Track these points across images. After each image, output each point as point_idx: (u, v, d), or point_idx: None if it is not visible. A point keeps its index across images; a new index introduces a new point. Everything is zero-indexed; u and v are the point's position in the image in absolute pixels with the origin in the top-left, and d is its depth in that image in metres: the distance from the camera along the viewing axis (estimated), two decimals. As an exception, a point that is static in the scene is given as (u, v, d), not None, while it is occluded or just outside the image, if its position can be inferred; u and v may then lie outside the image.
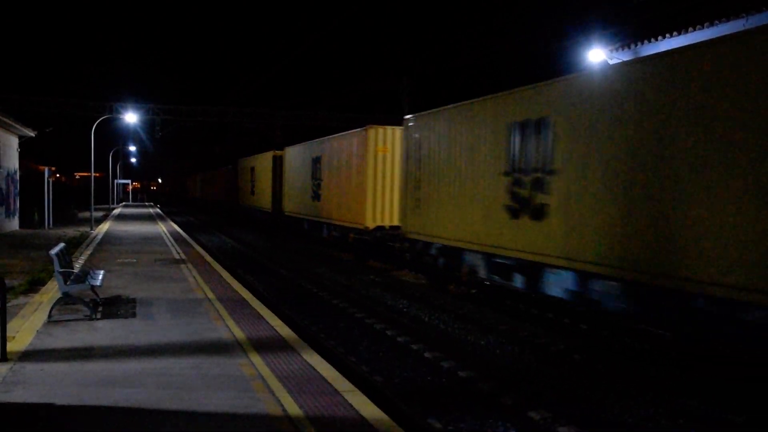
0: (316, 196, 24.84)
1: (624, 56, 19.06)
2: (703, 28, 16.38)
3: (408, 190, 16.31)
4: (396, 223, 18.03)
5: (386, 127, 19.89)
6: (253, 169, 38.45)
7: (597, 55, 19.63)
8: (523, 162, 11.65)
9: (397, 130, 18.83)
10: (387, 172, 19.41)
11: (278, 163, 32.26)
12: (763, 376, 8.27)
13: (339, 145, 22.62)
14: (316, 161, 25.17)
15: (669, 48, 17.47)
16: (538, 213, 11.15)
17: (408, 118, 16.64)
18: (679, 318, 8.68)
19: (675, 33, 17.21)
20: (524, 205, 11.57)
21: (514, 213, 11.83)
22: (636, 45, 18.56)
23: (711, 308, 8.09)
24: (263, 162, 35.22)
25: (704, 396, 7.66)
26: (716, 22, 15.99)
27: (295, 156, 28.99)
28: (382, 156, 19.55)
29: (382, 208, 19.33)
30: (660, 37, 17.68)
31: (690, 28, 16.75)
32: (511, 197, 11.97)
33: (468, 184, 13.49)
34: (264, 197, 34.75)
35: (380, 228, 19.21)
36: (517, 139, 11.82)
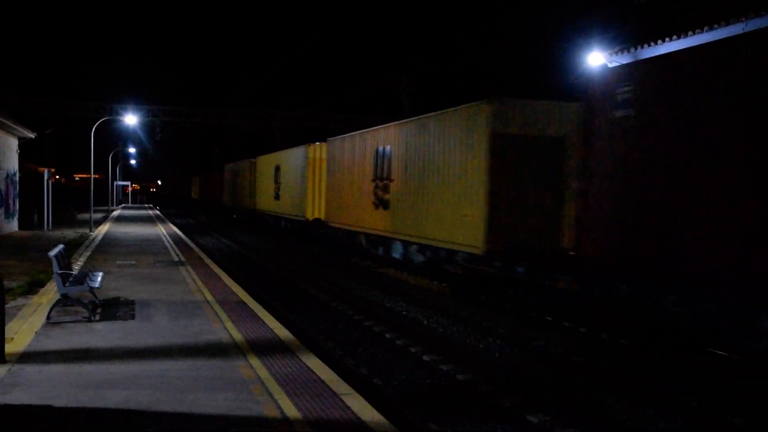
0: (277, 197, 32.05)
1: (623, 59, 19.08)
2: (702, 31, 16.39)
3: (330, 192, 24.23)
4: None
5: (322, 143, 26.24)
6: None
7: (596, 58, 19.65)
8: (379, 173, 19.17)
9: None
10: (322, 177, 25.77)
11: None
12: (762, 377, 8.28)
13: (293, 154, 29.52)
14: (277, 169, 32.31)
15: (668, 51, 17.51)
16: (386, 205, 18.63)
17: (329, 140, 24.62)
18: (434, 258, 16.27)
19: (675, 36, 17.22)
20: (380, 201, 18.98)
21: (376, 206, 19.28)
22: (635, 48, 18.58)
23: (439, 252, 15.79)
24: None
25: (703, 398, 7.66)
26: (715, 25, 16.00)
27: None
28: (319, 166, 26.11)
29: (319, 204, 25.89)
30: (659, 41, 17.69)
31: (690, 32, 16.76)
32: (375, 196, 19.43)
33: (355, 188, 21.23)
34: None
35: (317, 219, 25.88)
36: (377, 159, 19.30)
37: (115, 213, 48.73)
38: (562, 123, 13.64)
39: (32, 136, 28.98)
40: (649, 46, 18.12)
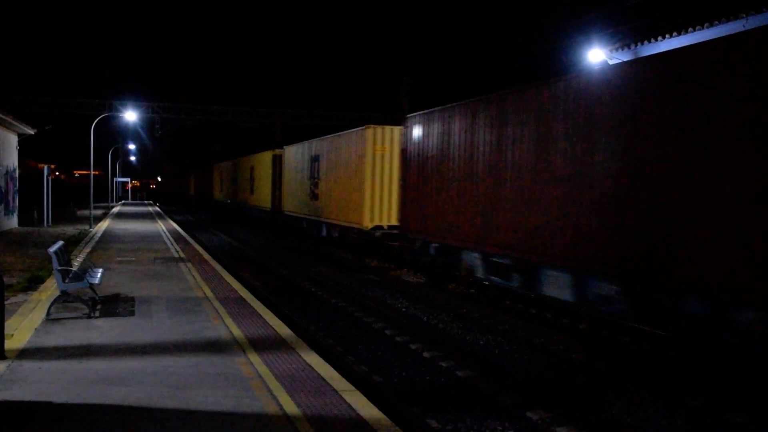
0: (252, 191, 38.58)
1: (624, 56, 19.05)
2: (702, 28, 16.37)
3: (284, 187, 30.92)
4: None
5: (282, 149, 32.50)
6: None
7: (597, 54, 19.63)
8: (313, 174, 25.69)
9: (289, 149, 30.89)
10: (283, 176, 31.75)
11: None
12: (762, 375, 8.27)
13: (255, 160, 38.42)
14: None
15: (669, 48, 17.49)
16: (316, 198, 25.12)
17: (285, 147, 31.39)
18: (342, 233, 22.34)
19: (675, 33, 17.20)
20: (313, 195, 25.54)
21: (311, 198, 25.81)
22: (636, 45, 18.55)
23: (334, 230, 23.24)
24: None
25: (703, 396, 7.66)
26: (716, 22, 15.98)
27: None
28: (280, 167, 32.12)
29: (279, 197, 31.96)
30: (660, 38, 17.67)
31: (690, 29, 16.74)
32: (310, 191, 25.99)
33: (299, 184, 27.91)
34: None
35: (277, 209, 32.09)
36: (313, 164, 25.84)
37: (115, 209, 48.73)
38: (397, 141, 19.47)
39: (32, 132, 28.96)
40: (650, 42, 18.10)
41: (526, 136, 11.51)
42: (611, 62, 19.56)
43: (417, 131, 16.03)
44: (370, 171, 19.84)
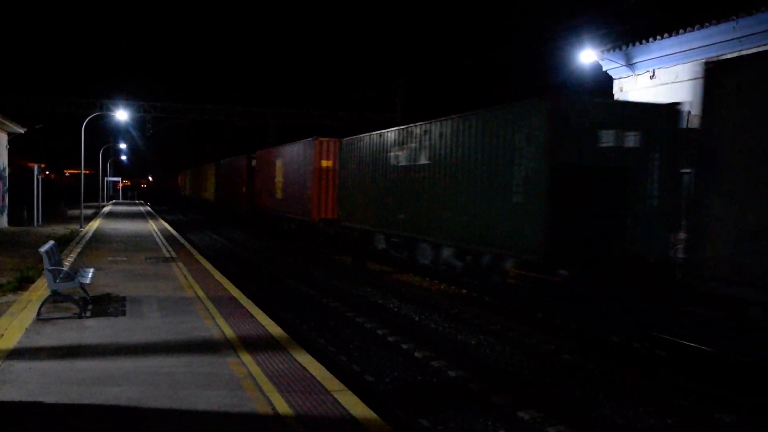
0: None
1: (615, 57, 19.14)
2: (694, 30, 16.48)
3: (258, 186, 34.47)
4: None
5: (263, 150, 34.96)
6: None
7: (589, 55, 19.71)
8: (276, 175, 30.50)
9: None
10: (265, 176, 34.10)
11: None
12: (752, 376, 8.34)
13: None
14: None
15: (661, 50, 17.59)
16: (278, 195, 30.10)
17: (258, 152, 35.50)
18: (299, 225, 27.68)
19: (666, 35, 17.31)
20: (276, 193, 30.43)
21: (278, 194, 30.13)
22: (627, 46, 18.65)
23: (300, 222, 27.24)
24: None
25: (694, 395, 7.71)
26: (707, 24, 16.09)
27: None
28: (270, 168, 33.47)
29: (259, 196, 34.52)
30: (651, 39, 17.77)
31: (681, 30, 16.84)
32: (278, 190, 30.16)
33: (270, 183, 31.42)
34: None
35: (255, 205, 35.14)
36: (276, 168, 30.38)
37: (106, 209, 48.51)
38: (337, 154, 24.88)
39: (22, 131, 28.80)
40: (641, 44, 18.20)
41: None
42: (602, 63, 19.66)
43: (346, 150, 22.83)
44: (317, 176, 25.12)
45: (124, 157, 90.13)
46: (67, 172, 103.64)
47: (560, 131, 11.81)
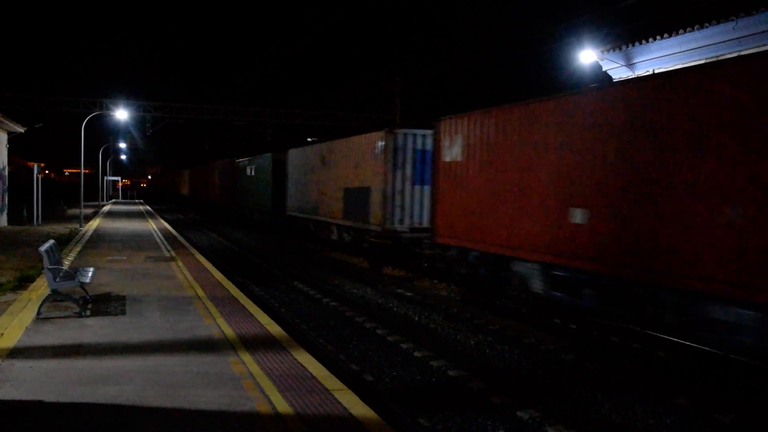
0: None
1: (615, 57, 19.15)
2: (693, 30, 16.49)
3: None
4: None
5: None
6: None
7: (588, 56, 19.72)
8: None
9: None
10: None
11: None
12: (749, 376, 8.35)
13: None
14: None
15: (660, 50, 17.60)
16: (243, 195, 37.24)
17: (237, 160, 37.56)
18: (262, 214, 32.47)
19: (666, 35, 17.31)
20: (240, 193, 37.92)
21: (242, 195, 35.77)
22: (627, 47, 18.66)
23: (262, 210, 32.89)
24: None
25: (692, 395, 7.73)
26: (706, 24, 16.10)
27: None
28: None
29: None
30: (651, 39, 17.78)
31: (681, 30, 16.85)
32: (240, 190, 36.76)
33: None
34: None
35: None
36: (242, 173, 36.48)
37: (106, 208, 48.49)
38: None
39: (22, 130, 28.78)
40: (641, 44, 18.20)
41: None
42: (602, 63, 19.67)
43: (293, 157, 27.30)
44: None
45: (123, 157, 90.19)
46: (67, 172, 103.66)
47: None
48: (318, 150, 24.95)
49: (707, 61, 13.65)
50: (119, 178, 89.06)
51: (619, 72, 19.44)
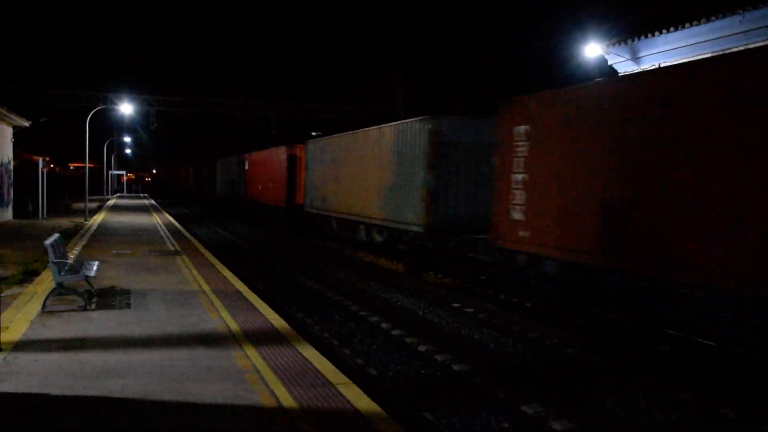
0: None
1: (621, 51, 19.06)
2: (699, 24, 16.39)
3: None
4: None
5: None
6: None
7: (594, 49, 19.63)
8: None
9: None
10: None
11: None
12: (755, 370, 8.33)
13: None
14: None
15: (666, 44, 17.50)
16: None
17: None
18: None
19: (672, 29, 17.22)
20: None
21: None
22: (633, 40, 18.56)
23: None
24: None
25: (697, 390, 7.71)
26: (713, 18, 16.00)
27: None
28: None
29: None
30: (657, 33, 17.69)
31: (687, 24, 16.76)
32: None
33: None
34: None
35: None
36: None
37: (110, 202, 48.58)
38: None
39: (27, 124, 28.83)
40: (647, 37, 18.11)
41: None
42: (607, 57, 19.58)
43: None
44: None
45: (128, 151, 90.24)
46: (72, 166, 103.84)
47: None
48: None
49: (713, 54, 13.50)
50: (124, 173, 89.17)
51: (624, 66, 19.35)
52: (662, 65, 18.02)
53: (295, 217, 28.73)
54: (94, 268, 10.44)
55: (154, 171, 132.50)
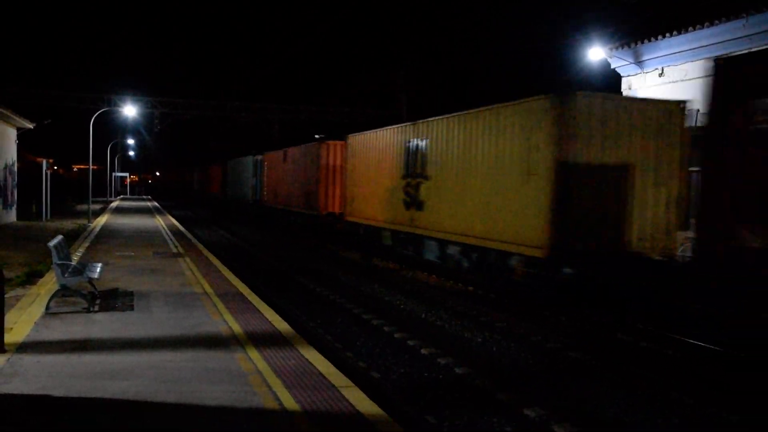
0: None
1: (624, 55, 19.07)
2: (703, 27, 16.39)
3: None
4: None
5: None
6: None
7: (597, 53, 19.64)
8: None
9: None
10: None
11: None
12: (757, 374, 8.32)
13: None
14: None
15: (669, 47, 17.50)
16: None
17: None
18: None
19: (675, 32, 17.22)
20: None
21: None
22: (636, 44, 18.57)
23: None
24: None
25: (699, 394, 7.70)
26: (716, 21, 16.00)
27: None
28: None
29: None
30: (660, 36, 17.69)
31: (690, 28, 16.76)
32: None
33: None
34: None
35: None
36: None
37: (114, 204, 48.68)
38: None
39: (31, 126, 28.93)
40: (650, 41, 18.11)
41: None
42: (611, 60, 19.59)
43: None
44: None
45: (131, 153, 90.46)
46: (76, 168, 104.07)
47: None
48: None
49: (716, 58, 13.46)
50: (127, 175, 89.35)
51: (628, 69, 19.35)
52: (665, 69, 18.03)
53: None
54: (98, 270, 10.47)
55: (158, 173, 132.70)
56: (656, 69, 18.35)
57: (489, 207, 13.68)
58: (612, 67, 19.80)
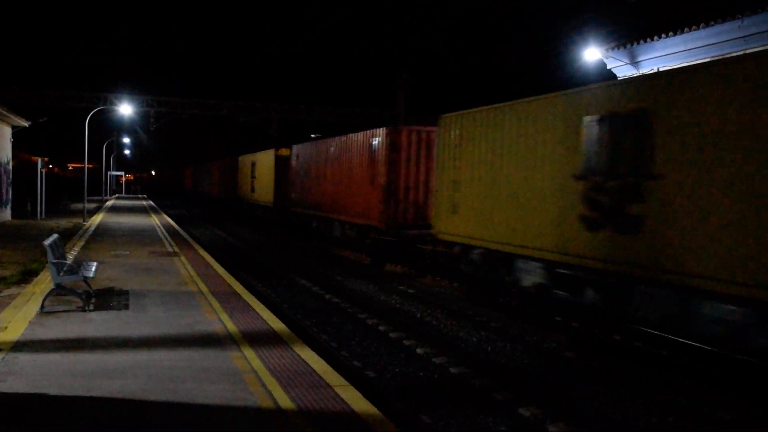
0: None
1: (620, 55, 19.11)
2: (698, 28, 16.43)
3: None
4: None
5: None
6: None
7: (593, 53, 19.68)
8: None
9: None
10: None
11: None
12: (751, 375, 8.34)
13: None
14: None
15: (665, 48, 17.55)
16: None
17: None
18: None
19: (671, 33, 17.26)
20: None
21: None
22: (632, 45, 18.61)
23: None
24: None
25: (694, 394, 7.73)
26: (712, 22, 16.04)
27: None
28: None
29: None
30: (656, 37, 17.73)
31: (686, 29, 16.80)
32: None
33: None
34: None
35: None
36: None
37: (109, 203, 48.56)
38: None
39: (26, 124, 28.83)
40: (645, 42, 18.15)
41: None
42: (606, 60, 19.63)
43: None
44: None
45: (127, 152, 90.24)
46: (71, 166, 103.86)
47: None
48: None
49: (712, 59, 13.55)
50: (123, 173, 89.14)
51: (623, 70, 19.40)
52: (660, 69, 18.07)
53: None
54: (93, 268, 10.45)
55: (153, 172, 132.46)
56: (652, 69, 18.40)
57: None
58: (608, 67, 19.84)
